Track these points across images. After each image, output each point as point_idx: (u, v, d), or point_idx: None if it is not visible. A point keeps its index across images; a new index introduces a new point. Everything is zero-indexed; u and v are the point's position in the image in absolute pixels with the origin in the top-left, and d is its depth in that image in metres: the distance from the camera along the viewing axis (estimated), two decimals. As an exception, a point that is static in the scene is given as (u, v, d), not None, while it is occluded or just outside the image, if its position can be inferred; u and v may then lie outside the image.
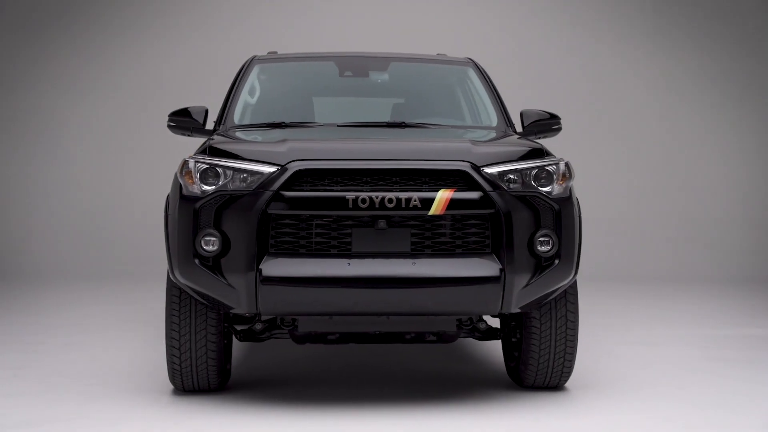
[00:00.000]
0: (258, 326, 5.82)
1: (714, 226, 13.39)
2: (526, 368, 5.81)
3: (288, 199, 5.12)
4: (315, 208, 5.11)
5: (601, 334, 8.18)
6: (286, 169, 5.16)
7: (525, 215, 5.26)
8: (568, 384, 6.10)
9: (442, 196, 5.13)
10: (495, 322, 7.59)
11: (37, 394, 5.92)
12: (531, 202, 5.29)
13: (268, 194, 5.12)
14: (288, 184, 5.14)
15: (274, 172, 5.17)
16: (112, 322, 8.87)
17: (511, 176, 5.30)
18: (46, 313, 9.62)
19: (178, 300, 5.55)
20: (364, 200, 5.09)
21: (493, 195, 5.18)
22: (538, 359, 5.74)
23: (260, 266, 5.08)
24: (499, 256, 5.16)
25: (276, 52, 7.81)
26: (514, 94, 11.10)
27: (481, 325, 5.89)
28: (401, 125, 6.40)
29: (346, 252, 5.14)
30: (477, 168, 5.23)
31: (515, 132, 6.71)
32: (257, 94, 7.06)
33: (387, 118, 6.61)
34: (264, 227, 5.12)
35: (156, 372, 6.43)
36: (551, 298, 5.46)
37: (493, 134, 6.47)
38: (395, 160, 5.23)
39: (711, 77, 13.69)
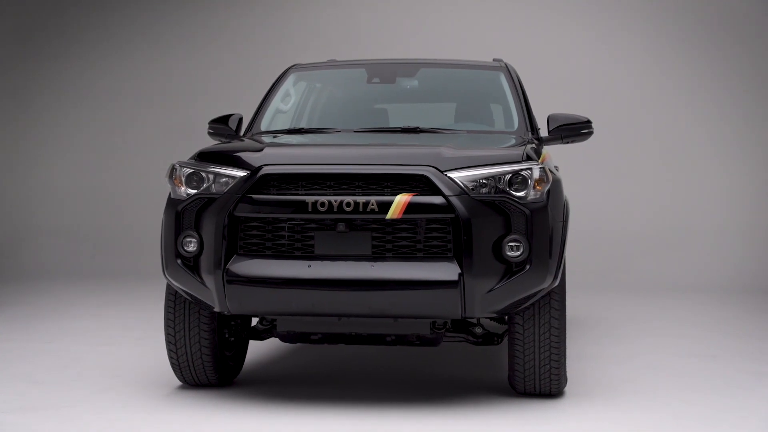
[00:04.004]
0: (260, 326, 6.05)
1: (717, 234, 12.65)
2: (514, 374, 5.77)
3: (254, 201, 5.32)
4: (278, 211, 5.29)
5: (601, 342, 7.99)
6: (256, 174, 5.37)
7: (491, 220, 5.24)
8: (566, 391, 6.02)
9: (400, 200, 5.19)
10: (493, 327, 7.48)
11: (43, 384, 6.32)
12: (500, 206, 5.27)
13: (235, 197, 5.34)
14: (256, 188, 5.34)
15: (245, 176, 5.39)
16: (124, 318, 9.24)
17: (483, 181, 5.30)
18: (57, 310, 9.97)
19: (173, 298, 5.86)
20: (323, 204, 5.22)
21: (454, 200, 5.19)
22: (523, 365, 5.69)
23: (228, 266, 5.31)
24: (460, 261, 5.18)
25: (335, 60, 8.02)
26: (559, 99, 10.96)
27: (477, 330, 5.89)
28: (415, 131, 6.48)
29: (309, 254, 5.29)
30: (441, 173, 5.25)
31: (537, 137, 6.66)
32: (292, 101, 7.30)
33: (412, 124, 6.67)
34: (233, 229, 5.34)
35: (166, 365, 6.72)
36: (529, 303, 5.41)
37: (509, 139, 6.44)
38: (357, 165, 5.33)
39: (714, 82, 12.96)
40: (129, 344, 7.82)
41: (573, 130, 6.63)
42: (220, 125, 6.91)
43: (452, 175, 5.27)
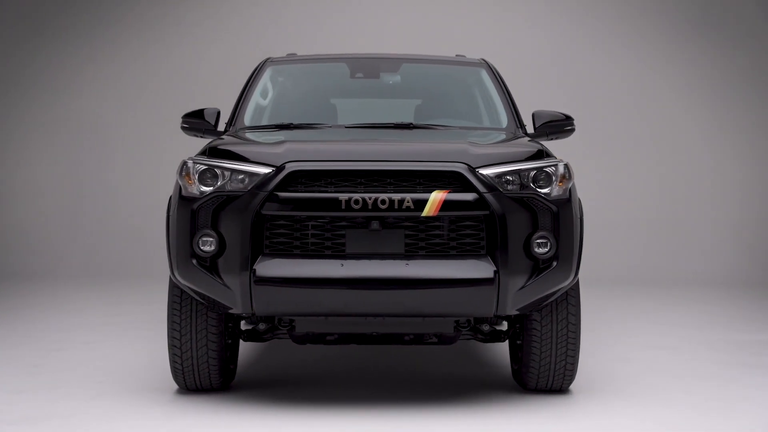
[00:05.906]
0: (261, 326, 5.86)
1: (719, 229, 13.12)
2: (528, 371, 5.78)
3: (282, 199, 5.14)
4: (308, 209, 5.13)
5: (605, 337, 8.10)
6: (282, 170, 5.19)
7: (521, 217, 5.23)
8: (571, 387, 6.06)
9: (436, 197, 5.12)
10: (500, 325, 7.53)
11: (40, 391, 6.02)
12: (528, 203, 5.26)
13: (262, 195, 5.15)
14: (283, 185, 5.16)
15: (270, 173, 5.20)
16: (122, 322, 8.94)
17: (509, 177, 5.27)
18: (56, 312, 9.67)
19: (179, 300, 5.61)
20: (357, 201, 5.10)
21: (488, 196, 5.16)
22: (539, 362, 5.70)
23: (254, 266, 5.11)
24: (494, 258, 5.14)
25: (295, 54, 7.84)
26: (535, 95, 11.03)
27: (485, 328, 5.86)
28: (409, 126, 6.40)
29: (340, 253, 5.16)
30: (472, 169, 5.21)
31: (525, 133, 6.67)
32: (269, 95, 7.10)
33: (399, 120, 6.58)
34: (259, 228, 5.15)
35: (162, 371, 6.48)
36: (551, 300, 5.42)
37: (501, 135, 6.44)
38: (390, 162, 5.23)
39: (710, 79, 13.40)
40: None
41: (558, 127, 6.67)
42: (196, 120, 6.66)
43: (483, 171, 5.23)
